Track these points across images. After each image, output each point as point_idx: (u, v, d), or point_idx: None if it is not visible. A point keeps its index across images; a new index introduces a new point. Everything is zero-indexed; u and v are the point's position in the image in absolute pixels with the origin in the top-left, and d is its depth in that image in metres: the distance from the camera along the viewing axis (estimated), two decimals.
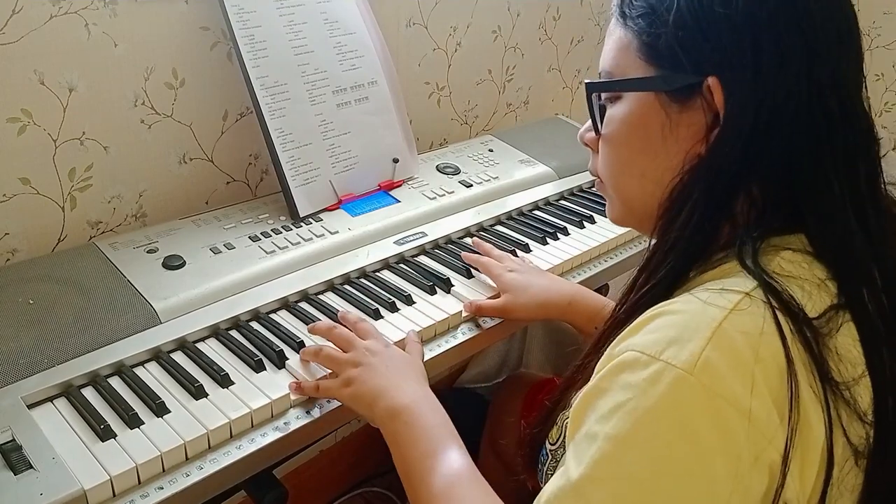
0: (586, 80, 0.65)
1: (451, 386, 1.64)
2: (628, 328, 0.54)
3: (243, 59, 1.03)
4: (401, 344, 0.87)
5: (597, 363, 0.55)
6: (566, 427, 0.66)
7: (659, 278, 0.58)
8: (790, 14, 0.54)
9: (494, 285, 1.00)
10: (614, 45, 0.62)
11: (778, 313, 0.50)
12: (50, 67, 0.95)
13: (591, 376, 0.55)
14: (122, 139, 1.05)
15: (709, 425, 0.47)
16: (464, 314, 0.96)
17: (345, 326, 0.86)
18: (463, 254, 1.06)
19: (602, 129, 0.65)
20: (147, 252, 0.95)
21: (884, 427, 0.52)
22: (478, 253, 1.06)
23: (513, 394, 1.21)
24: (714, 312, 0.50)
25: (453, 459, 0.67)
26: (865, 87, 0.58)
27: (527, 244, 1.13)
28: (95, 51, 0.99)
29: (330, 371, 0.81)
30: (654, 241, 0.61)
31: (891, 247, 0.57)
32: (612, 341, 0.56)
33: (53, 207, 1.01)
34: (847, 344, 0.52)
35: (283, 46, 1.08)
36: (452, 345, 0.92)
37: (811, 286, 0.53)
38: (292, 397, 0.79)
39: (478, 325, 0.96)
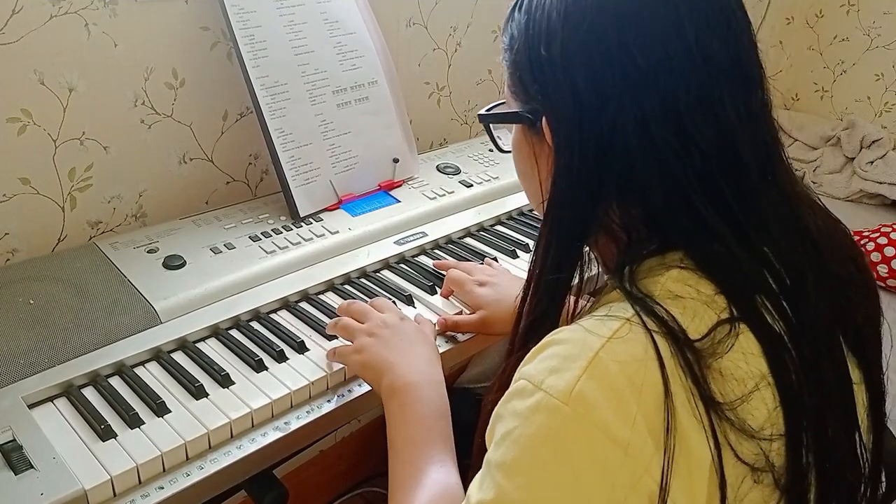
0: (479, 113, 0.70)
1: (451, 386, 1.64)
2: (528, 354, 0.55)
3: (243, 59, 1.03)
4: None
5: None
6: None
7: (535, 316, 0.61)
8: (604, 52, 0.54)
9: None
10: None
11: (657, 337, 0.50)
12: (50, 67, 0.95)
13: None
14: (122, 139, 1.05)
15: (583, 454, 0.48)
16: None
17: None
18: (434, 263, 1.03)
19: (508, 147, 0.70)
20: (147, 252, 0.95)
21: (794, 438, 0.52)
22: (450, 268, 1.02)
23: None
24: (592, 341, 0.51)
25: (432, 466, 0.67)
26: (763, 79, 0.57)
27: (527, 244, 1.13)
28: (95, 51, 0.99)
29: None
30: (529, 266, 0.64)
31: (784, 245, 0.56)
32: (507, 371, 0.59)
33: (53, 207, 1.01)
34: (736, 359, 0.51)
35: (284, 46, 1.08)
36: (453, 345, 0.92)
37: (697, 304, 0.53)
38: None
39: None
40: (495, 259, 1.07)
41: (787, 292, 0.56)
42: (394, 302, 0.95)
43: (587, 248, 0.62)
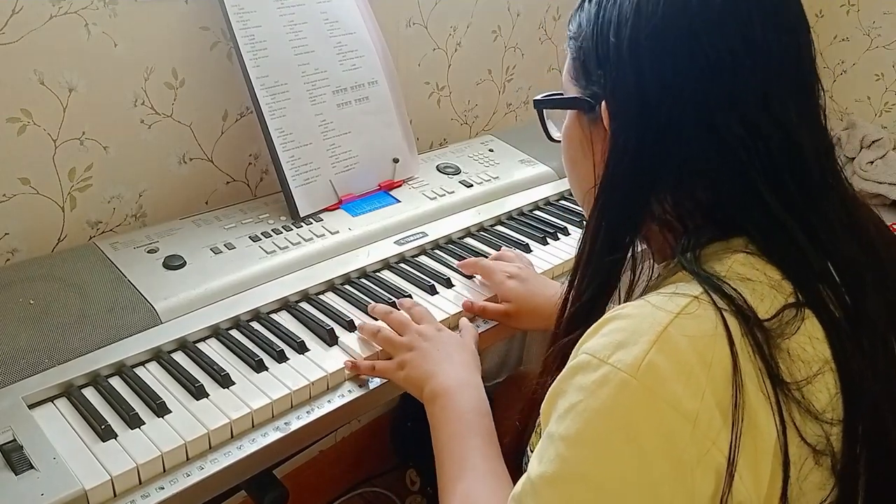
0: (534, 98, 0.72)
1: None
2: (589, 330, 0.55)
3: (243, 59, 1.03)
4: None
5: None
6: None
7: (582, 302, 0.62)
8: (672, 41, 0.55)
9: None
10: (566, 59, 0.67)
11: (726, 315, 0.51)
12: (50, 67, 0.95)
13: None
14: (122, 139, 1.05)
15: (651, 428, 0.48)
16: (464, 313, 0.96)
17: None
18: (458, 263, 1.04)
19: (558, 135, 0.71)
20: (147, 252, 0.95)
21: (852, 425, 0.53)
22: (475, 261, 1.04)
23: (514, 393, 1.21)
24: (661, 316, 0.51)
25: (473, 453, 0.70)
26: (819, 89, 0.58)
27: (527, 244, 1.13)
28: (95, 51, 0.99)
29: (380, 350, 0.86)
30: (576, 254, 0.65)
31: (844, 242, 0.57)
32: (555, 353, 0.61)
33: (53, 207, 1.01)
34: (803, 342, 0.53)
35: (284, 46, 1.08)
36: None
37: (764, 287, 0.54)
38: (346, 374, 0.83)
39: (479, 324, 0.96)
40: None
41: (847, 286, 0.56)
42: (393, 302, 0.95)
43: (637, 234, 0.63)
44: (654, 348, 0.49)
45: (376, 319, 0.91)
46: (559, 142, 0.71)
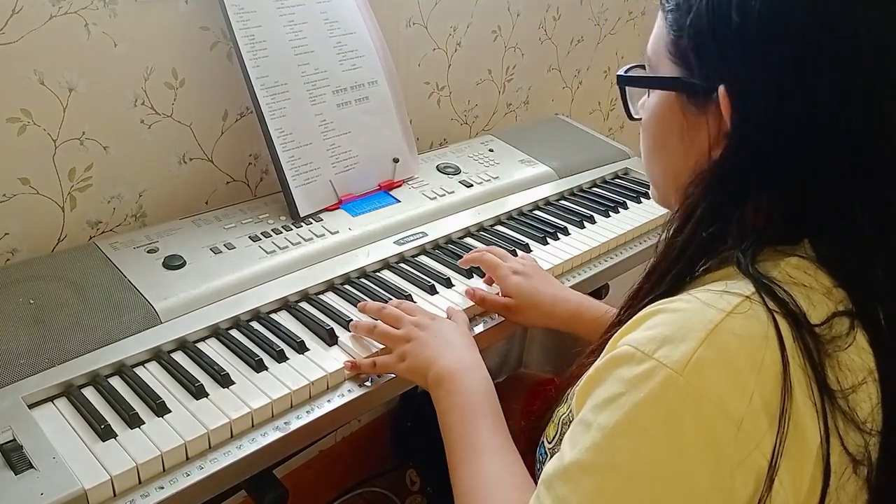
0: (618, 73, 0.66)
1: None
2: (629, 323, 0.54)
3: (243, 59, 1.03)
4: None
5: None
6: (563, 425, 0.66)
7: (662, 290, 0.58)
8: (812, 28, 0.51)
9: (495, 288, 0.99)
10: (655, 33, 0.61)
11: (778, 318, 0.49)
12: (50, 67, 0.95)
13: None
14: (122, 139, 1.05)
15: (694, 427, 0.47)
16: (468, 303, 0.96)
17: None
18: (460, 261, 1.04)
19: (640, 114, 0.65)
20: (147, 252, 0.95)
21: (891, 438, 0.52)
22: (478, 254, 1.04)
23: (513, 394, 1.21)
24: (711, 314, 0.50)
25: (483, 433, 0.71)
26: None
27: (527, 244, 1.13)
28: (95, 51, 0.99)
29: (382, 347, 0.86)
30: (659, 249, 0.60)
31: None
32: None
33: (53, 207, 1.01)
34: (850, 351, 0.52)
35: (284, 46, 1.08)
36: None
37: (815, 293, 0.53)
38: (346, 374, 0.83)
39: (479, 324, 0.96)
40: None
41: None
42: (387, 302, 0.95)
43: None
44: (704, 346, 0.48)
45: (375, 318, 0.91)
46: (639, 119, 0.66)
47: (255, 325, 0.90)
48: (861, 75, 0.51)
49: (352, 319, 0.91)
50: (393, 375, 0.84)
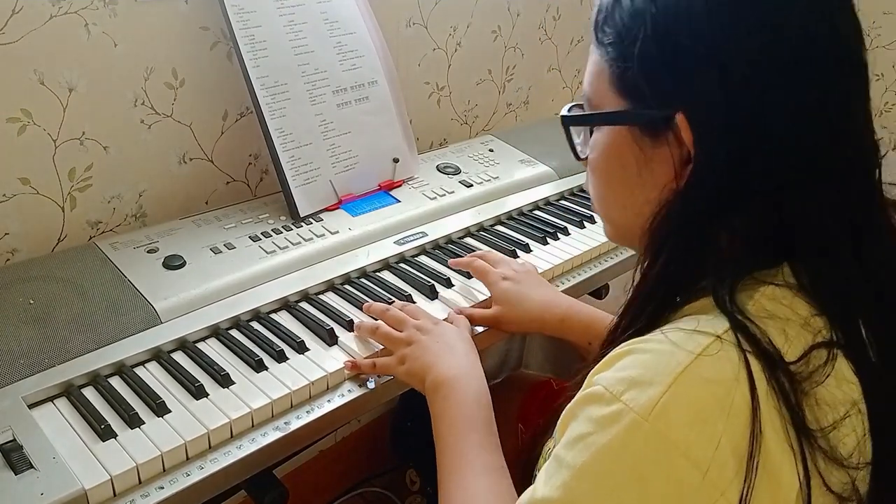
0: (562, 114, 0.64)
1: None
2: (604, 359, 0.53)
3: (243, 59, 1.03)
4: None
5: None
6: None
7: (640, 326, 0.56)
8: (764, 44, 0.50)
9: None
10: (592, 69, 0.60)
11: (750, 358, 0.48)
12: (50, 67, 0.95)
13: None
14: (122, 139, 1.05)
15: (658, 473, 0.47)
16: (469, 301, 0.96)
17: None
18: (451, 261, 1.03)
19: (586, 153, 0.63)
20: (147, 252, 0.95)
21: (882, 467, 0.51)
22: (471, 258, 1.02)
23: (510, 395, 1.21)
24: (680, 356, 0.48)
25: (472, 447, 0.70)
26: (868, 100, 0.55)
27: (527, 244, 1.13)
28: (95, 51, 0.99)
29: (382, 348, 0.86)
30: (635, 282, 0.59)
31: (889, 272, 0.54)
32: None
33: (53, 207, 1.01)
34: (831, 386, 0.50)
35: (284, 46, 1.08)
36: None
37: (792, 326, 0.51)
38: (346, 374, 0.83)
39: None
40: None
41: (888, 318, 0.54)
42: (393, 302, 0.95)
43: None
44: (670, 391, 0.47)
45: (375, 319, 0.91)
46: (584, 160, 0.64)
47: (255, 325, 0.90)
48: (819, 88, 0.50)
49: (352, 319, 0.91)
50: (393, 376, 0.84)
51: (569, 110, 0.64)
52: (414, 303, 0.96)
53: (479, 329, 0.95)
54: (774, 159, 0.51)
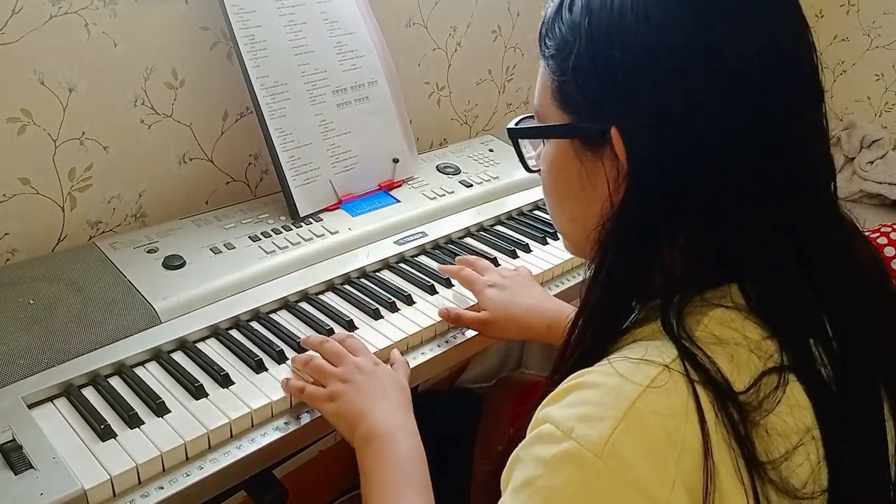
0: (508, 127, 0.64)
1: (450, 386, 1.64)
2: (551, 394, 0.51)
3: (243, 59, 1.03)
4: (385, 354, 0.86)
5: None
6: None
7: (585, 347, 0.55)
8: (697, 57, 0.49)
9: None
10: (538, 82, 0.60)
11: (698, 388, 0.46)
12: (50, 67, 0.95)
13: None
14: (122, 139, 1.05)
15: None
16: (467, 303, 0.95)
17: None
18: (439, 267, 1.03)
19: (537, 166, 0.63)
20: (147, 252, 0.95)
21: (838, 495, 0.49)
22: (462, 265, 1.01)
23: (505, 396, 1.21)
24: (628, 390, 0.47)
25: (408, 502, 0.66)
26: (821, 109, 0.53)
27: (527, 244, 1.13)
28: (95, 51, 0.99)
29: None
30: (580, 303, 0.58)
31: (843, 290, 0.53)
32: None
33: (53, 207, 1.01)
34: (782, 413, 0.48)
35: (283, 46, 1.08)
36: (452, 345, 0.92)
37: (742, 351, 0.49)
38: (282, 392, 0.79)
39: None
40: (495, 259, 1.07)
41: (840, 337, 0.52)
42: (393, 302, 0.95)
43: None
44: (621, 426, 0.45)
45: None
46: (536, 172, 0.64)
47: (255, 325, 0.90)
48: (756, 105, 0.49)
49: (351, 320, 0.91)
50: None
51: (516, 123, 0.64)
52: (413, 303, 0.96)
53: (469, 333, 0.94)
54: (708, 175, 0.50)
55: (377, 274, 1.04)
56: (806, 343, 0.51)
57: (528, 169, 0.66)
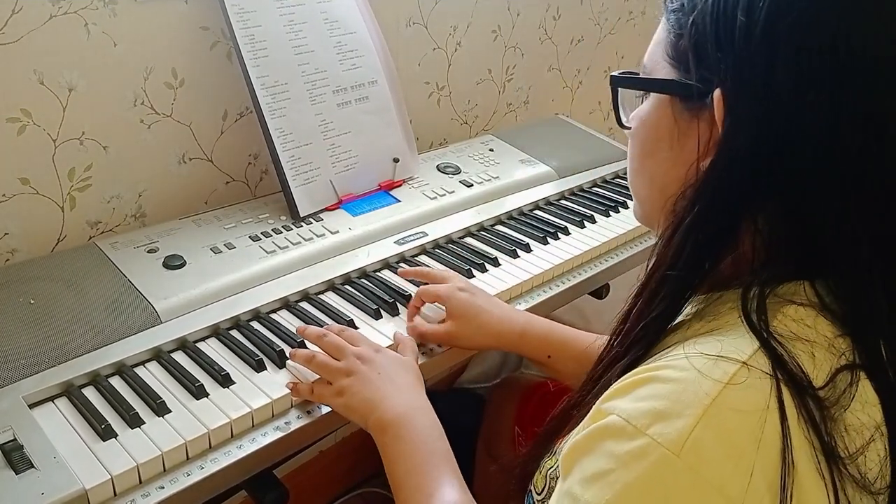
0: (612, 74, 0.63)
1: (450, 386, 1.64)
2: (617, 386, 0.50)
3: (243, 58, 1.03)
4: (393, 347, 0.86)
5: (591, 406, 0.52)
6: (551, 479, 0.63)
7: (653, 313, 0.54)
8: (821, 33, 0.48)
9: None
10: (655, 37, 0.59)
11: (781, 386, 0.46)
12: (50, 67, 0.95)
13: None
14: (122, 139, 1.05)
15: None
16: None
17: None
18: (399, 271, 1.01)
19: (630, 123, 0.62)
20: (147, 252, 0.95)
21: None
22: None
23: (507, 397, 1.21)
24: (707, 386, 0.46)
25: (441, 482, 0.66)
26: None
27: (527, 244, 1.13)
28: (95, 51, 0.99)
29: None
30: (649, 265, 0.56)
31: None
32: (606, 379, 0.54)
33: (53, 207, 1.01)
34: (856, 410, 0.48)
35: (284, 46, 1.08)
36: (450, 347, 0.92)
37: (818, 348, 0.49)
38: (282, 392, 0.79)
39: None
40: (495, 259, 1.07)
41: None
42: (393, 302, 0.95)
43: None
44: (701, 424, 0.44)
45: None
46: (629, 128, 0.62)
47: (255, 324, 0.90)
48: (863, 96, 0.48)
49: (352, 319, 0.91)
50: None
51: (626, 73, 0.63)
52: (420, 300, 0.96)
53: (440, 349, 0.91)
54: (803, 158, 0.49)
55: (377, 274, 1.04)
56: (877, 343, 0.51)
57: (619, 122, 0.64)
